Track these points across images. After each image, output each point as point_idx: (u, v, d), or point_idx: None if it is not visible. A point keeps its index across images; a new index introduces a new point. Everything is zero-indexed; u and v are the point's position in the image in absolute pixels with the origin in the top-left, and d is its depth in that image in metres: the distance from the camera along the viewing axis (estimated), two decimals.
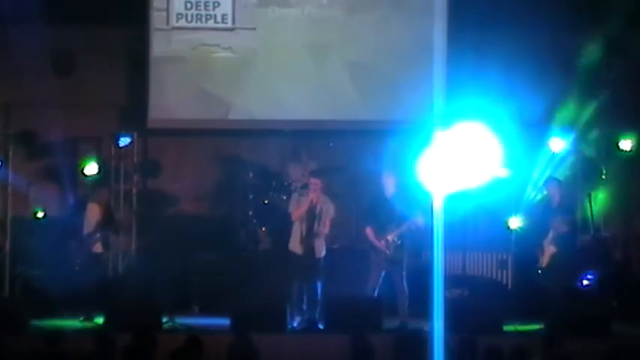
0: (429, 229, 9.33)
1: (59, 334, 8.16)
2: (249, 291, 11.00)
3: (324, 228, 10.81)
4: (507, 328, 10.37)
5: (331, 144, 12.78)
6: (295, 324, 10.65)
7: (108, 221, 11.34)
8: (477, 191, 11.08)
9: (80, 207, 11.42)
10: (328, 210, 10.88)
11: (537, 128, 12.68)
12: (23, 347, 7.88)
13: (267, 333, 9.59)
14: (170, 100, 13.06)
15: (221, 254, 12.07)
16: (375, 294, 10.81)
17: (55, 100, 12.52)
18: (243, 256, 11.97)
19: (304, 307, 10.75)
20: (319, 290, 10.75)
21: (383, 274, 10.87)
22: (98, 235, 11.23)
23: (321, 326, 10.61)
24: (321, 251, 10.81)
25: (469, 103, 12.43)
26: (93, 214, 11.30)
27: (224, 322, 10.48)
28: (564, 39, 12.79)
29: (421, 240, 10.87)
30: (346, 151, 12.98)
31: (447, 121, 12.71)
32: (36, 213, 12.27)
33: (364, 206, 11.56)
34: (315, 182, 10.94)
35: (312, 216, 10.78)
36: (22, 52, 12.82)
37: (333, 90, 13.14)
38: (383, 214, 10.87)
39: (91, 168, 12.31)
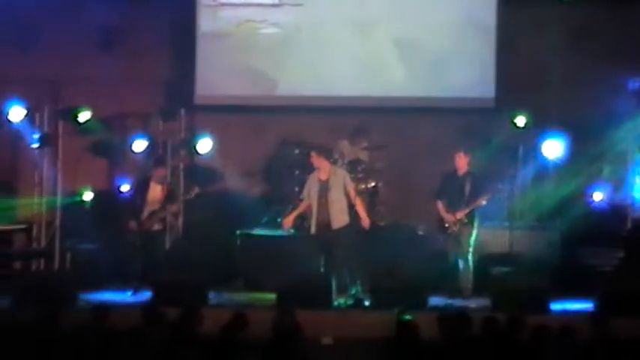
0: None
1: (107, 307, 8.24)
2: (295, 267, 10.99)
3: (341, 199, 10.72)
4: (555, 306, 10.30)
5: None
6: (341, 300, 10.65)
7: (169, 200, 11.37)
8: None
9: (142, 185, 11.47)
10: (344, 182, 10.80)
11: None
12: (72, 320, 7.97)
13: (311, 309, 9.61)
14: (217, 77, 13.09)
15: (267, 230, 12.08)
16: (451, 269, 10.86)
17: (104, 77, 12.62)
18: (289, 232, 11.82)
19: (349, 283, 10.75)
20: (359, 265, 10.78)
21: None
22: (158, 213, 11.29)
23: (367, 303, 10.61)
24: (340, 222, 10.74)
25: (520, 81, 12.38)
26: (154, 192, 11.34)
27: (270, 297, 10.56)
28: (622, 13, 12.63)
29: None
30: (392, 128, 12.89)
31: (497, 99, 12.76)
32: (82, 193, 12.38)
33: (411, 184, 11.64)
34: (316, 159, 10.90)
35: (324, 192, 10.75)
36: (71, 28, 12.96)
37: (379, 67, 13.09)
38: (454, 192, 10.90)
39: (140, 144, 12.39)
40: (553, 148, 12.10)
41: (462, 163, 10.98)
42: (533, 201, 12.41)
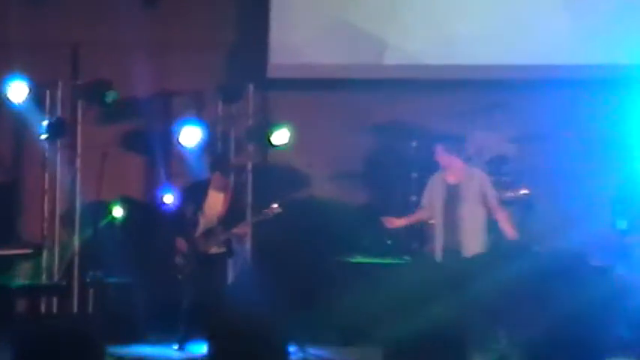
0: None
1: None
2: (411, 309, 10.64)
3: (478, 213, 10.83)
4: None
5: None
6: (481, 358, 10.41)
7: (235, 219, 11.52)
8: None
9: (196, 191, 11.65)
10: (482, 188, 10.93)
11: None
12: None
13: None
14: (298, 40, 13.21)
15: (370, 258, 12.20)
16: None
17: (140, 40, 12.60)
18: (402, 260, 12.00)
19: (491, 333, 10.80)
20: (505, 308, 10.84)
21: None
22: (218, 234, 11.47)
23: None
24: (476, 246, 10.89)
25: None
26: (213, 204, 11.50)
27: (375, 353, 10.23)
28: None
29: None
30: (551, 110, 12.65)
31: None
32: (111, 207, 12.44)
33: (580, 191, 11.73)
34: (443, 155, 11.02)
35: (453, 202, 10.88)
36: None
37: (531, 25, 13.00)
38: (631, 203, 11.00)
39: (191, 135, 12.40)
40: None
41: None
42: None
